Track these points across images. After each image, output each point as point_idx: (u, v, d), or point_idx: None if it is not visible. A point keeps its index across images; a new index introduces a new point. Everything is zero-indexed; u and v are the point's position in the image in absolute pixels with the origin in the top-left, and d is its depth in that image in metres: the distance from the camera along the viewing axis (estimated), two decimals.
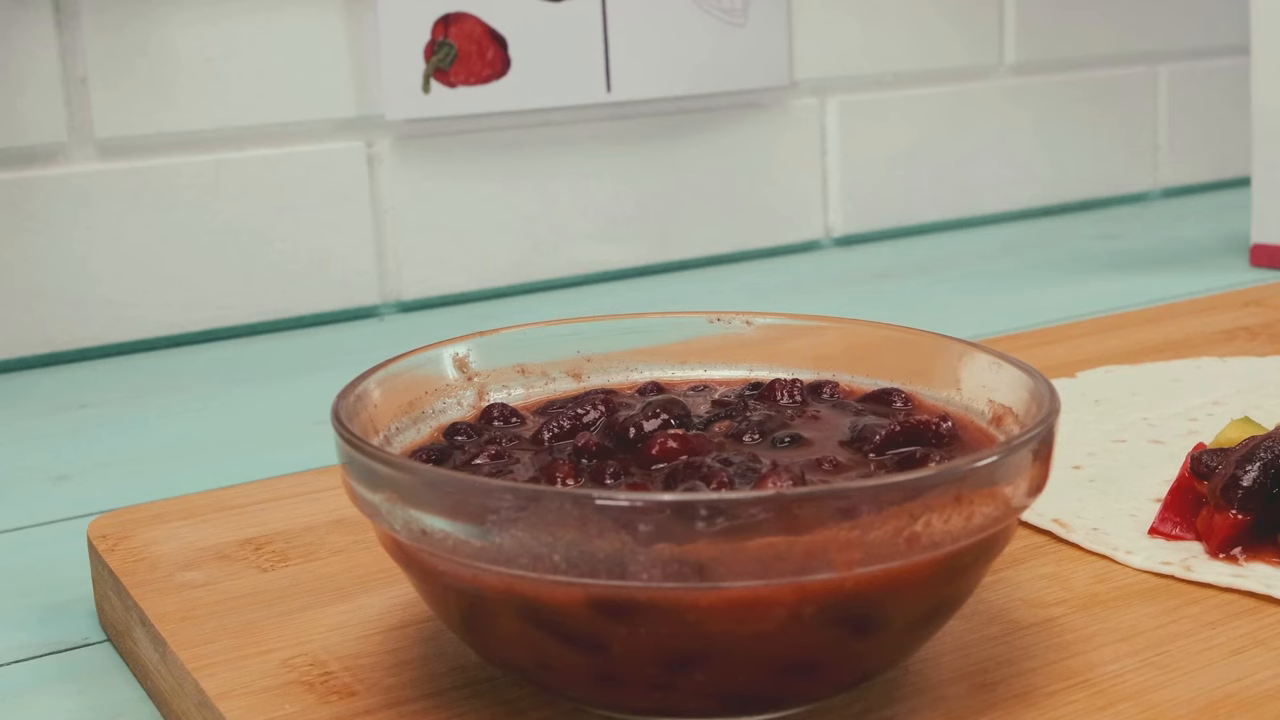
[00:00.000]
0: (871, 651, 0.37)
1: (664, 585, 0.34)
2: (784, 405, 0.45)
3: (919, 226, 1.16)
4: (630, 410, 0.43)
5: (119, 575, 0.48)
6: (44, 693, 0.47)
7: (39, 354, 0.86)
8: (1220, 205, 1.23)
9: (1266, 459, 0.46)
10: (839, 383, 0.47)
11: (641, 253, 1.04)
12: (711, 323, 0.50)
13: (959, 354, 0.45)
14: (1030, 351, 0.70)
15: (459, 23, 0.94)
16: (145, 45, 0.86)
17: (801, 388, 0.46)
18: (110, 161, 0.86)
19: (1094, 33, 1.22)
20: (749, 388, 0.47)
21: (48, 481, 0.66)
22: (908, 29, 1.13)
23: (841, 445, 0.42)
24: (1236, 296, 0.80)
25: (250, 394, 0.79)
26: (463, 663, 0.42)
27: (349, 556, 0.49)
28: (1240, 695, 0.39)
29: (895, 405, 0.45)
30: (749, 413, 0.44)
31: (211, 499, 0.55)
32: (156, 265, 0.88)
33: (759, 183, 1.08)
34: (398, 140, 0.94)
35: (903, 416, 0.43)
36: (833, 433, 0.43)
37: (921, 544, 0.35)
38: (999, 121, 1.18)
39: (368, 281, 0.94)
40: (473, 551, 0.35)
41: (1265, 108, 0.97)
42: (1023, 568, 0.47)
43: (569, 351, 0.49)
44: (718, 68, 1.03)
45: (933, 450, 0.41)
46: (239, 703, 0.40)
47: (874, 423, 0.42)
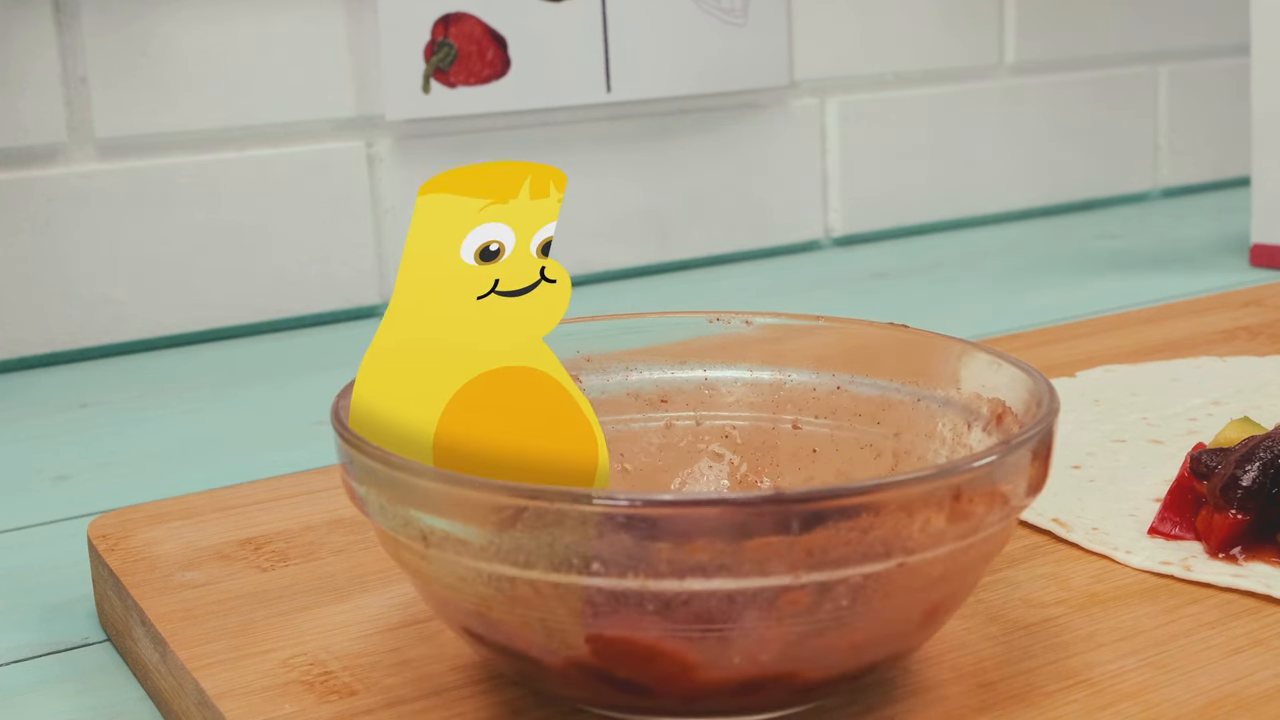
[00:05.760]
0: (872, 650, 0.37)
1: (665, 584, 0.34)
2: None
3: (919, 226, 1.16)
4: None
5: (119, 575, 0.48)
6: (44, 693, 0.47)
7: (39, 354, 0.86)
8: (1220, 205, 1.23)
9: (1266, 459, 0.46)
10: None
11: (641, 253, 1.04)
12: (711, 323, 0.50)
13: (959, 354, 0.45)
14: (1030, 351, 0.70)
15: (459, 23, 0.94)
16: (145, 45, 0.87)
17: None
18: (110, 161, 0.86)
19: (1094, 33, 1.22)
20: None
21: (48, 481, 0.66)
22: (908, 29, 1.13)
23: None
24: (1236, 296, 0.80)
25: (250, 394, 0.79)
26: (463, 663, 0.42)
27: (349, 556, 0.49)
28: (1239, 695, 0.39)
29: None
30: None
31: (211, 499, 0.55)
32: (156, 265, 0.88)
33: (759, 183, 1.08)
34: (398, 140, 0.94)
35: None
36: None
37: (921, 543, 0.35)
38: (999, 121, 1.18)
39: (368, 281, 0.94)
40: (472, 551, 0.35)
41: (1265, 108, 0.97)
42: (1022, 567, 0.47)
43: (569, 351, 0.49)
44: (718, 68, 1.03)
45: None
46: (239, 702, 0.40)
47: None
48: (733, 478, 0.49)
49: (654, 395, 0.49)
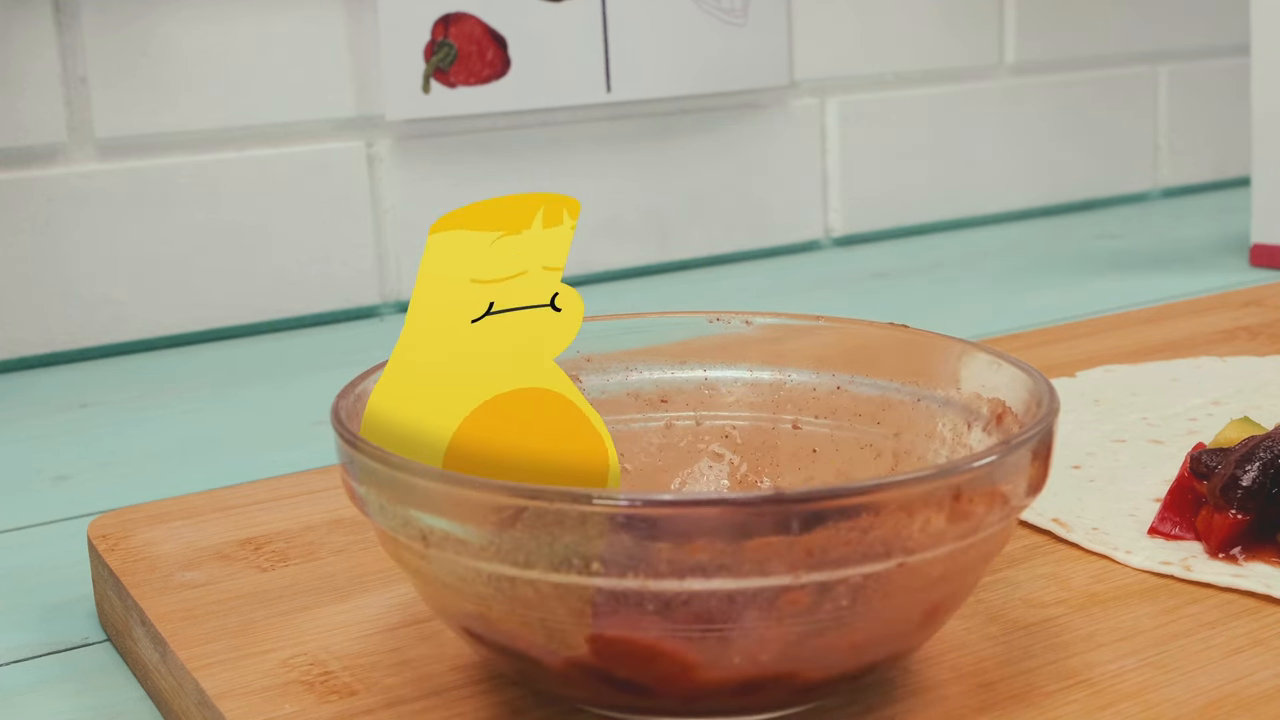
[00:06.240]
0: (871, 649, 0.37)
1: (665, 584, 0.34)
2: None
3: (919, 226, 1.16)
4: None
5: (119, 575, 0.48)
6: (44, 693, 0.47)
7: (39, 354, 0.86)
8: (1220, 205, 1.23)
9: (1266, 459, 0.46)
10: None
11: (641, 253, 1.04)
12: (711, 323, 0.50)
13: (959, 354, 0.45)
14: (1030, 351, 0.70)
15: (459, 23, 0.94)
16: (145, 45, 0.87)
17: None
18: (110, 161, 0.86)
19: (1094, 33, 1.22)
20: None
21: (48, 481, 0.66)
22: (908, 29, 1.13)
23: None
24: (1236, 296, 0.80)
25: (250, 394, 0.79)
26: (463, 663, 0.42)
27: (349, 556, 0.49)
28: (1239, 695, 0.39)
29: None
30: None
31: (211, 499, 0.55)
32: (156, 265, 0.88)
33: (759, 183, 1.08)
34: (398, 140, 0.94)
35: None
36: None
37: (921, 543, 0.35)
38: (999, 121, 1.18)
39: (368, 281, 0.94)
40: (472, 551, 0.35)
41: (1265, 108, 0.97)
42: (1022, 567, 0.47)
43: (569, 351, 0.48)
44: (718, 68, 1.03)
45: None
46: (239, 702, 0.40)
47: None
48: (733, 478, 0.49)
49: (654, 395, 0.49)
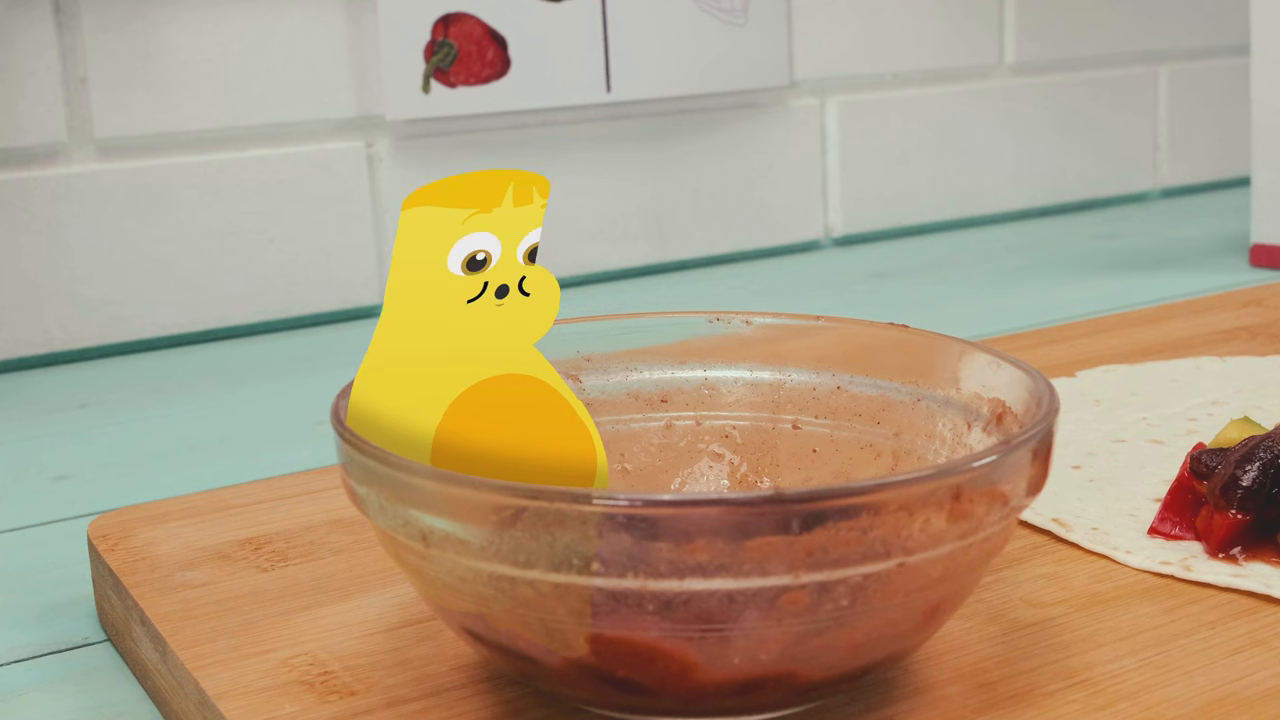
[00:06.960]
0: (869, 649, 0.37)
1: (665, 584, 0.34)
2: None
3: (919, 226, 1.16)
4: None
5: (119, 575, 0.48)
6: (44, 693, 0.47)
7: (39, 354, 0.86)
8: (1220, 205, 1.23)
9: (1266, 459, 0.46)
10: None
11: (641, 253, 1.04)
12: (711, 323, 0.50)
13: (958, 354, 0.45)
14: (1030, 351, 0.70)
15: (459, 23, 0.94)
16: (145, 45, 0.87)
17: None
18: (110, 161, 0.86)
19: (1094, 33, 1.22)
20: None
21: (48, 481, 0.66)
22: (908, 29, 1.13)
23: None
24: (1236, 296, 0.80)
25: (250, 394, 0.79)
26: (463, 663, 0.42)
27: (349, 556, 0.49)
28: (1239, 695, 0.39)
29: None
30: None
31: (211, 499, 0.55)
32: (157, 265, 0.88)
33: (759, 183, 1.08)
34: (398, 140, 0.94)
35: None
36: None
37: (921, 543, 0.35)
38: (999, 121, 1.18)
39: (368, 281, 0.94)
40: (472, 551, 0.35)
41: (1265, 108, 0.97)
42: (1022, 567, 0.47)
43: (569, 351, 0.49)
44: (718, 68, 1.03)
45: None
46: (239, 702, 0.40)
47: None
48: (733, 478, 0.49)
49: (654, 395, 0.49)
